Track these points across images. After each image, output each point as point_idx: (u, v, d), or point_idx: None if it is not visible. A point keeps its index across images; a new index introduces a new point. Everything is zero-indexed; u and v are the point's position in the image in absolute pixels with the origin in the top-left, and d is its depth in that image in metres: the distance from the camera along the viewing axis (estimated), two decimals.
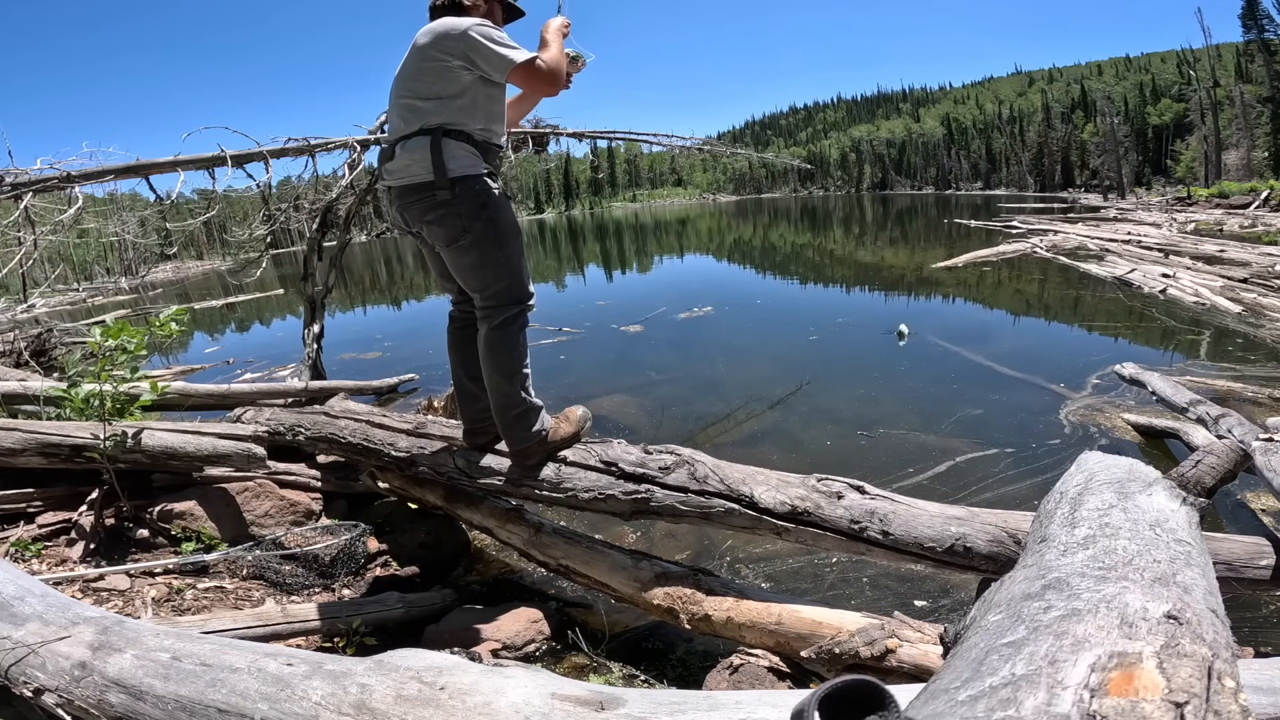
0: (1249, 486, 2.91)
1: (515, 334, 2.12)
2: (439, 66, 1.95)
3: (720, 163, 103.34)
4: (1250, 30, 37.05)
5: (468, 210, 1.99)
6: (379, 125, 4.96)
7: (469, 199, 1.99)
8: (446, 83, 1.97)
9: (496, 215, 2.04)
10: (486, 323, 2.11)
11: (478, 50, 1.92)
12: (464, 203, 1.98)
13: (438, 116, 1.98)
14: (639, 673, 1.94)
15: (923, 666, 1.54)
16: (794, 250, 20.12)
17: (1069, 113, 66.85)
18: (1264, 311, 6.51)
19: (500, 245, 2.05)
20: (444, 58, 1.95)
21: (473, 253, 2.05)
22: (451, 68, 1.95)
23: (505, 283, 2.08)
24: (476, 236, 2.02)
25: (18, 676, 1.08)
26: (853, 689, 0.53)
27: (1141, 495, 1.10)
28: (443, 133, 1.97)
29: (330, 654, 1.10)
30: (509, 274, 2.08)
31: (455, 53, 1.93)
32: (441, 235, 2.08)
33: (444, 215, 2.01)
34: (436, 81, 1.97)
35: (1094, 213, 23.30)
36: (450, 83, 1.97)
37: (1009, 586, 0.88)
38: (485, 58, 1.93)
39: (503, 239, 2.06)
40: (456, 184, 1.97)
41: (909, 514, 1.82)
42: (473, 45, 1.92)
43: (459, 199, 1.98)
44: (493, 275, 2.08)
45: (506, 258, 2.07)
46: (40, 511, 2.65)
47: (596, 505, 2.11)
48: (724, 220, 43.06)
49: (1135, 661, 0.60)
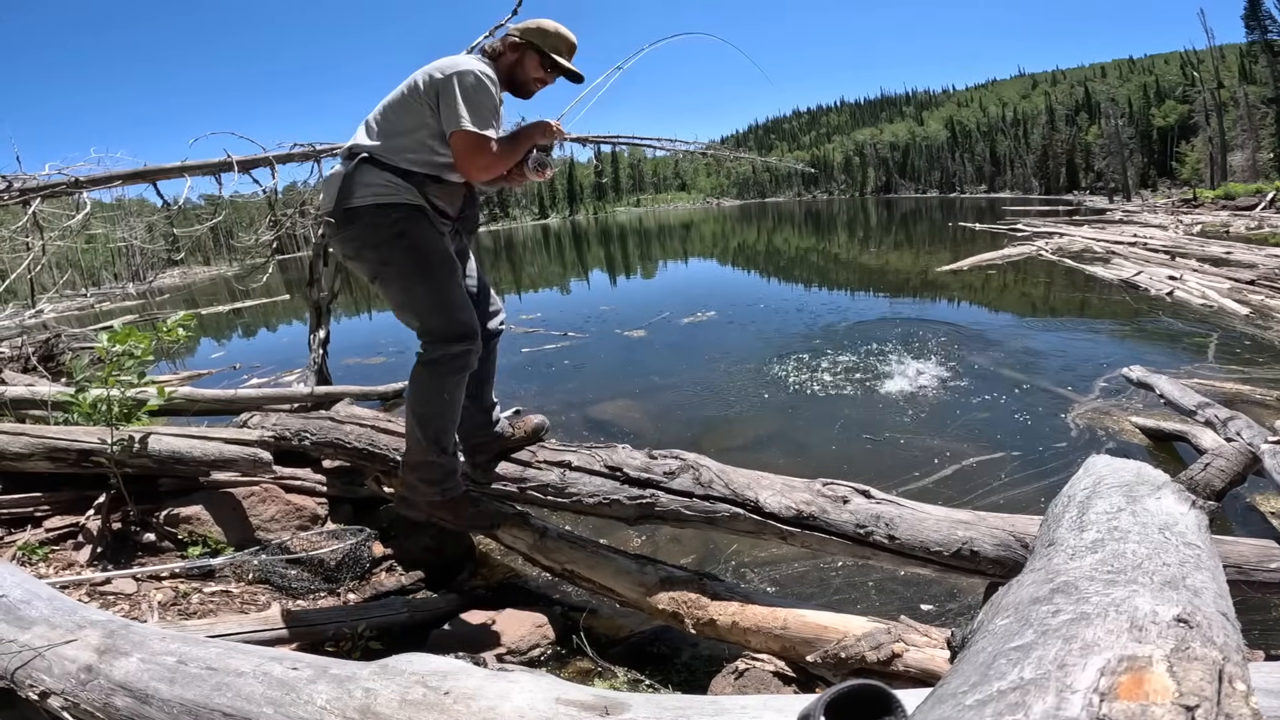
0: (1258, 489, 2.88)
1: (443, 377, 1.91)
2: (412, 98, 1.83)
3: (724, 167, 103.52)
4: (1253, 31, 36.95)
5: (381, 240, 1.82)
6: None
7: (380, 229, 1.81)
8: (407, 115, 1.84)
9: (418, 245, 1.84)
10: (419, 356, 1.94)
11: (445, 95, 1.78)
12: (374, 233, 1.81)
13: (375, 142, 1.84)
14: (644, 677, 1.93)
15: (929, 671, 1.53)
16: (798, 255, 20.13)
17: (1073, 115, 66.79)
18: (1272, 313, 6.47)
19: (423, 278, 1.85)
20: (420, 91, 1.82)
21: (393, 286, 1.89)
22: (420, 102, 1.82)
23: (436, 319, 1.89)
24: (397, 269, 1.85)
25: (24, 679, 1.08)
26: (859, 693, 0.53)
27: (1150, 499, 1.10)
28: (366, 159, 1.82)
29: (335, 658, 1.10)
30: (437, 308, 1.89)
31: (430, 90, 1.81)
32: (364, 271, 1.94)
33: (359, 249, 1.85)
34: (400, 111, 1.85)
35: (1099, 215, 23.24)
36: (409, 116, 1.83)
37: (1017, 590, 0.87)
38: (446, 104, 1.78)
39: (426, 271, 1.85)
40: (361, 214, 1.80)
41: (915, 518, 1.81)
42: (445, 88, 1.78)
43: (368, 229, 1.81)
44: (422, 310, 1.90)
45: (432, 291, 1.87)
46: (47, 515, 2.66)
47: (601, 510, 2.10)
48: (728, 224, 43.10)
49: (1145, 665, 0.59)
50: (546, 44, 1.93)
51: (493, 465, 2.22)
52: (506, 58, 1.94)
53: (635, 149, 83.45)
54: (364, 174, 1.81)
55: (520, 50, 1.94)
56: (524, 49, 1.93)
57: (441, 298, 1.88)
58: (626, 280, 16.89)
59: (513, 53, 1.94)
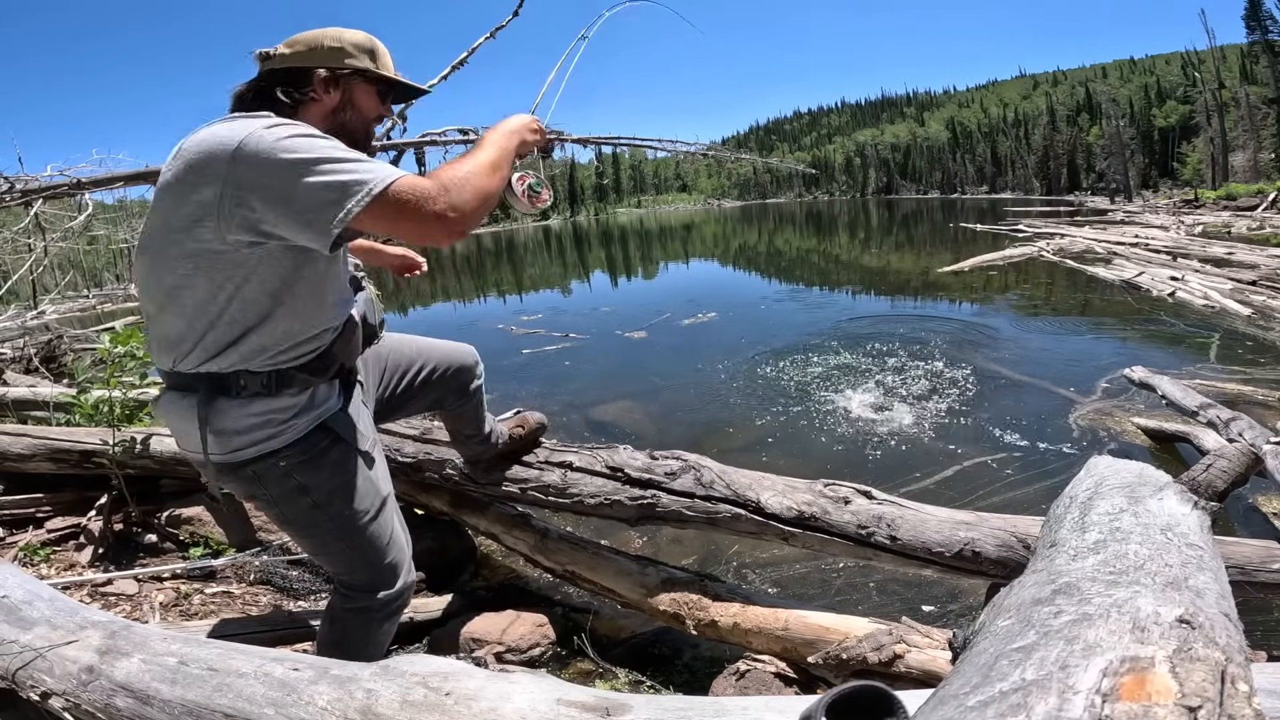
0: (1260, 490, 2.88)
1: (378, 625, 1.46)
2: (187, 236, 1.08)
3: (725, 168, 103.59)
4: (1254, 32, 36.97)
5: (275, 497, 1.29)
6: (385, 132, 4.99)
7: (269, 483, 1.26)
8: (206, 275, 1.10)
9: (328, 496, 1.30)
10: (342, 600, 1.45)
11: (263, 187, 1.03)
12: (264, 489, 1.28)
13: (192, 349, 1.15)
14: (645, 678, 1.93)
15: (931, 672, 1.53)
16: (799, 256, 20.13)
17: (1074, 115, 66.76)
18: (1273, 314, 6.46)
19: (342, 533, 1.35)
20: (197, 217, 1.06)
21: (302, 540, 1.45)
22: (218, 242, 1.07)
23: (361, 574, 1.42)
24: (303, 526, 1.36)
25: (25, 680, 1.08)
26: (861, 694, 0.53)
27: (1152, 499, 1.09)
28: (207, 382, 1.17)
29: (337, 659, 1.10)
30: (363, 564, 1.41)
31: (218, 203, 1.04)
32: (269, 517, 1.54)
33: (256, 497, 1.33)
34: (186, 268, 1.09)
35: (1100, 216, 23.23)
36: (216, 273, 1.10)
37: (1018, 591, 0.87)
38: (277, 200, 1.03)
39: (344, 526, 1.34)
40: (244, 468, 1.23)
41: (917, 519, 1.81)
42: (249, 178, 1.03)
43: (253, 485, 1.27)
44: (341, 564, 1.43)
45: (354, 545, 1.37)
46: (49, 516, 2.66)
47: (603, 511, 2.10)
48: (729, 226, 43.11)
49: (1147, 666, 0.59)
50: (378, 63, 1.28)
51: (496, 465, 2.22)
52: (321, 103, 1.23)
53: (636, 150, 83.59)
54: (219, 416, 1.17)
55: (344, 86, 1.25)
56: (349, 81, 1.25)
57: (365, 549, 1.39)
58: (627, 281, 16.89)
59: (331, 92, 1.24)
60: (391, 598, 1.44)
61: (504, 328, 9.44)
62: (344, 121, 1.26)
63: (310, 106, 1.23)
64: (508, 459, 2.21)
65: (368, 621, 1.44)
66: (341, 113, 1.26)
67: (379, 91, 1.30)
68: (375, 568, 1.41)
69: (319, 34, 1.24)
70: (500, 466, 2.22)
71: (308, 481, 1.27)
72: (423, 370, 1.75)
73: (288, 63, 1.21)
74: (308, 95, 1.22)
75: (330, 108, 1.25)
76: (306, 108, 1.23)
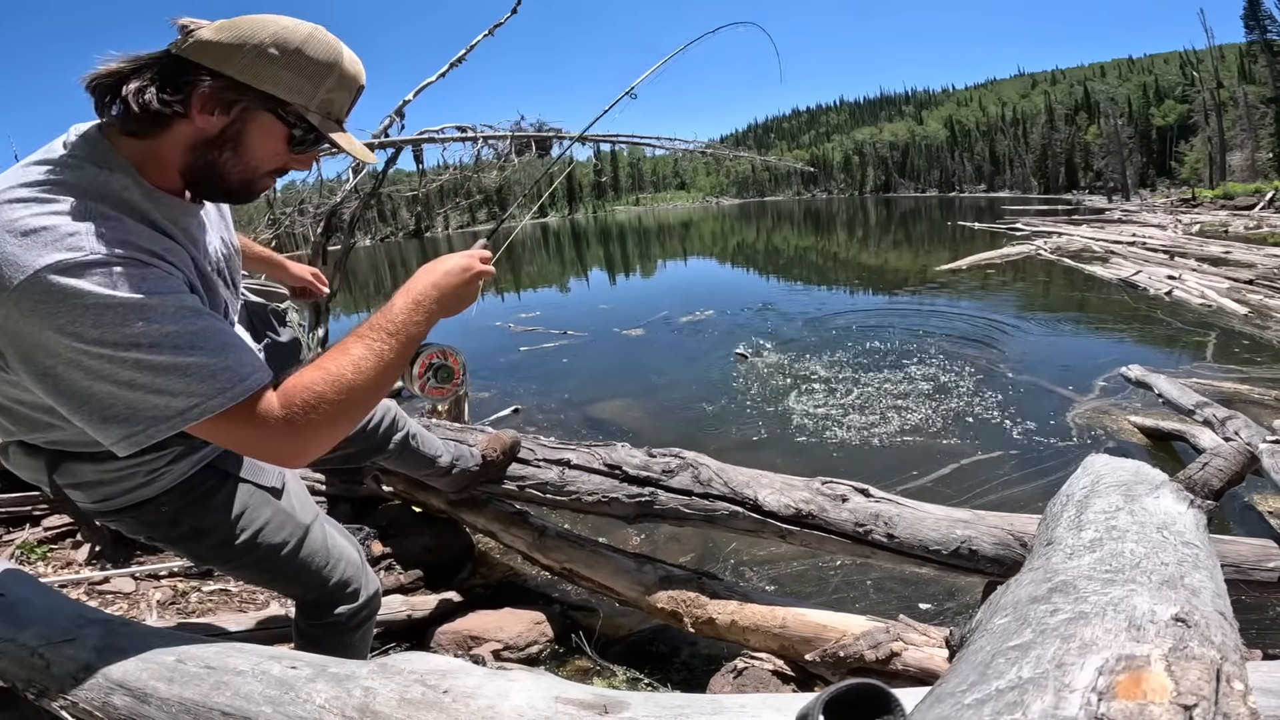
0: (1256, 489, 2.89)
1: (344, 642, 1.33)
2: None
3: (723, 166, 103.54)
4: (1253, 31, 37.02)
5: (174, 539, 1.16)
6: (383, 129, 4.98)
7: (161, 529, 1.13)
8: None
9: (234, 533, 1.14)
10: (303, 617, 1.34)
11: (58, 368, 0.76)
12: (160, 533, 1.14)
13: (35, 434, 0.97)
14: (642, 676, 1.93)
15: (928, 670, 1.54)
16: (797, 254, 20.13)
17: (1072, 114, 66.85)
18: (1270, 313, 6.48)
19: (268, 566, 1.21)
20: None
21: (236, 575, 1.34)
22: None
23: (313, 595, 1.29)
24: (216, 562, 1.24)
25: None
26: (858, 692, 0.53)
27: (1148, 498, 1.10)
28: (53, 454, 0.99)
29: (334, 657, 1.10)
30: (310, 587, 1.28)
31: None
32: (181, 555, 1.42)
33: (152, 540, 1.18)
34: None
35: (1098, 215, 23.25)
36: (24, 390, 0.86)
37: (1015, 590, 0.88)
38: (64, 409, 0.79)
39: (266, 560, 1.19)
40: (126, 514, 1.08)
41: (914, 517, 1.81)
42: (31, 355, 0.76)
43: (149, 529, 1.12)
44: (287, 590, 1.33)
45: (291, 575, 1.24)
46: (46, 514, 2.66)
47: (600, 508, 2.10)
48: (727, 223, 43.11)
49: (1143, 664, 0.59)
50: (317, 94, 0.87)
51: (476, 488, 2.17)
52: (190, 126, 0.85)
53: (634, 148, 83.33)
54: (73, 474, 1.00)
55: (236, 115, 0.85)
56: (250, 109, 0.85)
57: (303, 575, 1.24)
58: (625, 279, 16.89)
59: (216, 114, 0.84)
60: (356, 609, 1.32)
61: (502, 325, 9.44)
62: (213, 162, 0.88)
63: (174, 129, 0.85)
64: (493, 479, 2.18)
65: (338, 634, 1.33)
66: (214, 150, 0.87)
67: (292, 135, 0.89)
68: (323, 588, 1.28)
69: (260, 23, 0.84)
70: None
71: (200, 524, 1.11)
72: None
73: (194, 55, 0.82)
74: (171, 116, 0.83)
75: (199, 138, 0.86)
76: (171, 129, 0.84)
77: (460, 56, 4.86)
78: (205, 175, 0.89)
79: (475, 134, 5.00)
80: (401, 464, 1.91)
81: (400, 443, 1.78)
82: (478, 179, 5.80)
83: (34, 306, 0.72)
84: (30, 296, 0.72)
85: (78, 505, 1.04)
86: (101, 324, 0.73)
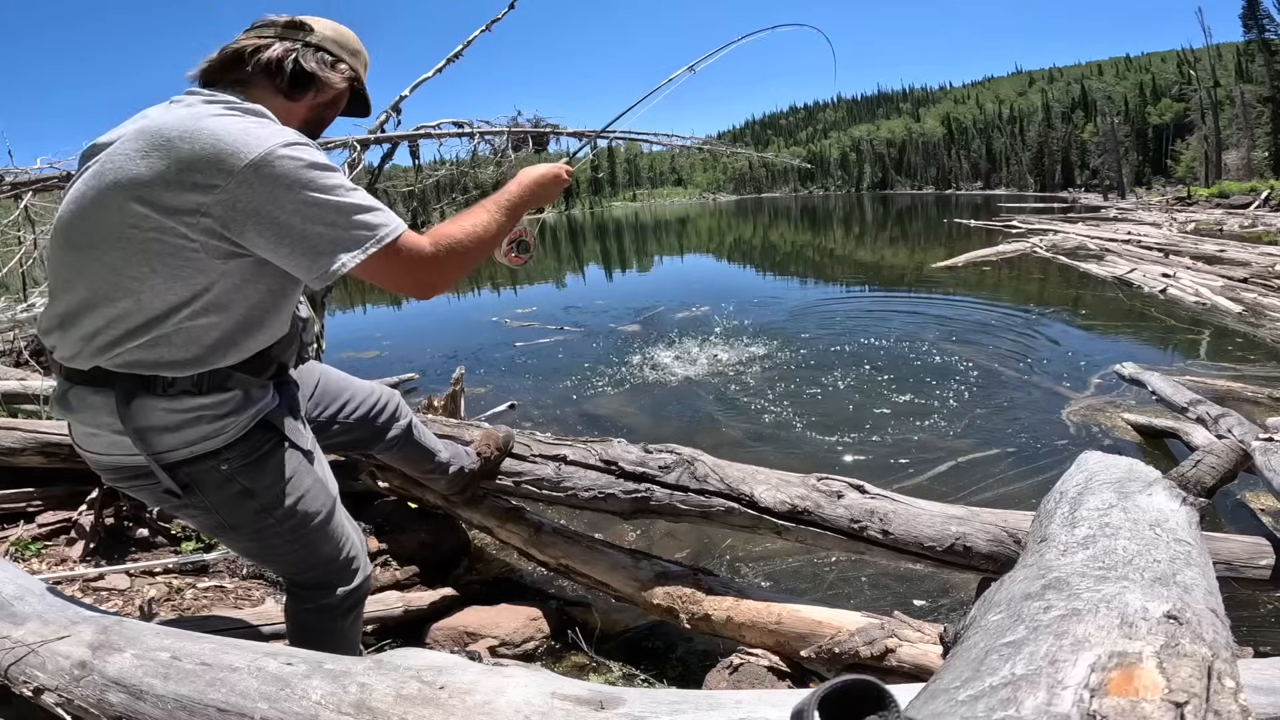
0: (1249, 486, 2.91)
1: (336, 627, 1.39)
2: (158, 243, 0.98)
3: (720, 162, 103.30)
4: (1250, 30, 37.07)
5: (214, 504, 1.17)
6: (379, 125, 4.96)
7: (208, 491, 1.15)
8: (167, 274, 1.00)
9: (274, 498, 1.20)
10: (296, 601, 1.39)
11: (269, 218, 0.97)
12: (201, 498, 1.15)
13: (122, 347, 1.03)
14: (639, 672, 1.94)
15: (923, 666, 1.54)
16: (794, 250, 20.13)
17: (1069, 112, 66.92)
18: (1264, 311, 6.51)
19: (293, 537, 1.26)
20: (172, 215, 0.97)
21: (249, 546, 1.34)
22: (192, 244, 0.99)
23: (313, 574, 1.35)
24: (249, 532, 1.25)
25: (17, 676, 1.08)
26: (853, 688, 0.53)
27: (1141, 495, 1.10)
28: (137, 383, 1.04)
29: (330, 653, 1.10)
30: (316, 563, 1.33)
31: (206, 212, 0.97)
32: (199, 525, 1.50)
33: (182, 508, 1.21)
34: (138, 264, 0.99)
35: (1094, 212, 23.31)
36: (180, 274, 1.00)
37: (1009, 586, 0.88)
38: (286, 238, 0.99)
39: (295, 530, 1.25)
40: (180, 470, 1.10)
41: (909, 513, 1.82)
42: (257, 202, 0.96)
43: (191, 492, 1.14)
44: (291, 565, 1.37)
45: (308, 547, 1.30)
46: (40, 511, 2.64)
47: (596, 504, 2.11)
48: (724, 220, 43.06)
49: (1135, 661, 0.60)
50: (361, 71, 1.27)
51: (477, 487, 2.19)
52: (323, 94, 1.20)
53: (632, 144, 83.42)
54: (142, 413, 1.05)
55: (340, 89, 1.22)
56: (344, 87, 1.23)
57: (320, 549, 1.32)
58: (621, 275, 16.86)
59: (326, 90, 1.20)
60: (351, 591, 1.38)
61: (498, 320, 9.42)
62: (323, 117, 1.24)
63: (307, 96, 1.18)
64: (489, 476, 2.18)
65: (330, 618, 1.37)
66: (327, 109, 1.24)
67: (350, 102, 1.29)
68: (329, 565, 1.34)
69: (344, 29, 1.24)
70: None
71: (253, 485, 1.17)
72: (347, 405, 1.67)
73: (320, 42, 1.18)
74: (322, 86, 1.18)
75: (324, 100, 1.21)
76: (303, 96, 1.17)
77: (457, 52, 4.83)
78: (318, 126, 1.25)
79: (472, 129, 4.98)
80: (402, 458, 1.92)
81: (401, 434, 1.82)
82: (474, 174, 5.78)
83: (270, 170, 0.97)
84: (268, 163, 0.97)
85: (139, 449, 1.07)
86: (316, 181, 0.99)
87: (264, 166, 0.96)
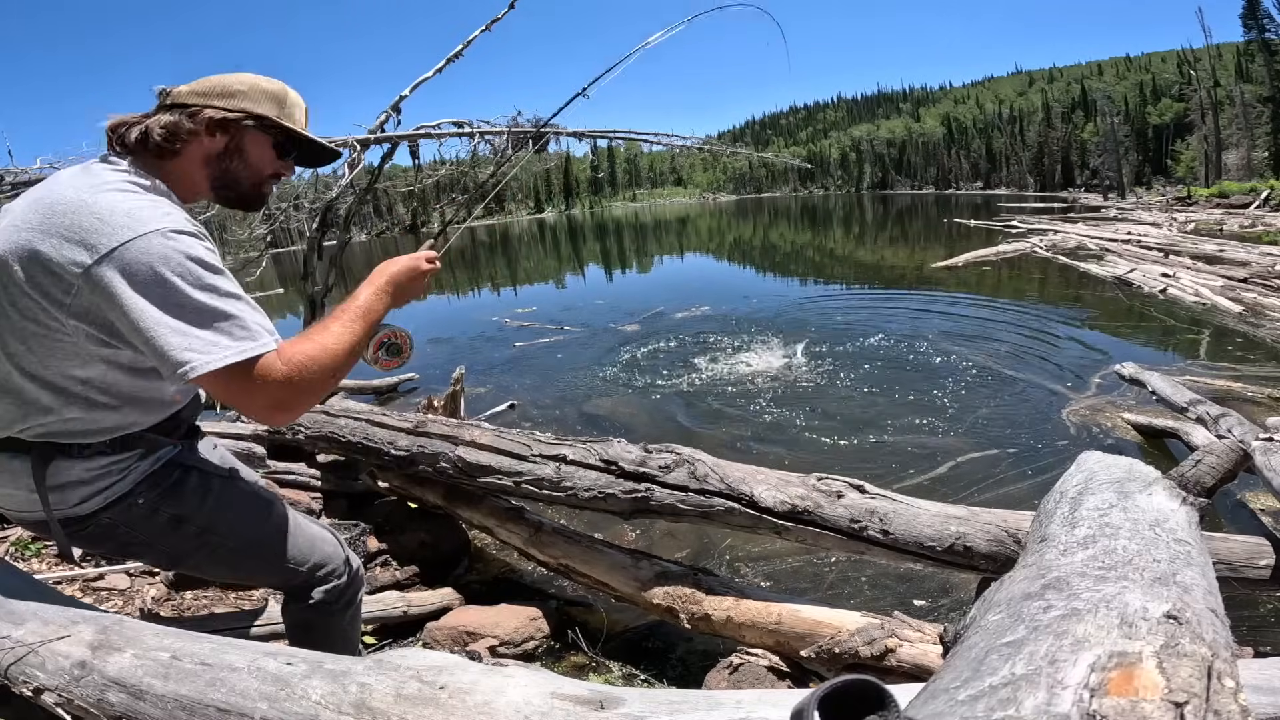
0: (1249, 486, 2.91)
1: (336, 624, 1.39)
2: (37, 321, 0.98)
3: (720, 162, 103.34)
4: (1251, 30, 37.07)
5: (153, 537, 1.19)
6: (379, 125, 4.96)
7: (140, 527, 1.17)
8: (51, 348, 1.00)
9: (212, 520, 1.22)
10: (293, 603, 1.38)
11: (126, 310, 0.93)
12: (138, 532, 1.17)
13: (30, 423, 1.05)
14: (639, 672, 1.94)
15: (922, 666, 1.54)
16: (794, 250, 20.13)
17: (1069, 112, 66.92)
18: (1264, 311, 6.51)
19: (249, 550, 1.27)
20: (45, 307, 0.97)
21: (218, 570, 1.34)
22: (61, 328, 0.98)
23: (298, 579, 1.34)
24: (200, 557, 1.25)
25: (17, 676, 1.08)
26: (852, 688, 0.53)
27: (1141, 495, 1.10)
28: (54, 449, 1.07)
29: (330, 653, 1.10)
30: (292, 571, 1.32)
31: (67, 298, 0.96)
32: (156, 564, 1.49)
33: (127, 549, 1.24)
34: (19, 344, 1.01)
35: (1094, 212, 23.31)
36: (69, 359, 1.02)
37: (1009, 586, 0.88)
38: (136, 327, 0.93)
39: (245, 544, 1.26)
40: (97, 518, 1.13)
41: (909, 513, 1.82)
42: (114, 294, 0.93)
43: (126, 531, 1.16)
44: (272, 578, 1.39)
45: (272, 558, 1.29)
46: None
47: (596, 504, 2.11)
48: (724, 220, 43.06)
49: (1135, 661, 0.59)
50: (283, 113, 1.17)
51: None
52: (202, 144, 1.12)
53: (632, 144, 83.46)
54: (57, 474, 1.08)
55: (233, 131, 1.13)
56: (240, 127, 1.13)
57: (285, 557, 1.30)
58: (621, 275, 16.87)
59: (217, 135, 1.13)
60: (343, 587, 1.37)
61: (498, 320, 9.43)
62: (228, 169, 1.16)
63: (190, 146, 1.11)
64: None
65: (328, 615, 1.38)
66: (226, 159, 1.15)
67: (276, 144, 1.18)
68: (305, 569, 1.33)
69: (226, 77, 1.15)
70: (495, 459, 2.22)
71: (179, 511, 1.18)
72: None
73: (182, 99, 1.11)
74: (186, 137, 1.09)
75: (213, 151, 1.13)
76: (187, 147, 1.10)
77: (457, 52, 4.83)
78: (227, 182, 1.17)
79: (472, 129, 4.98)
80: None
81: None
82: (474, 174, 5.78)
83: (142, 256, 0.93)
84: (143, 249, 0.93)
85: (54, 516, 1.10)
86: (188, 275, 0.95)
87: (138, 251, 0.93)
